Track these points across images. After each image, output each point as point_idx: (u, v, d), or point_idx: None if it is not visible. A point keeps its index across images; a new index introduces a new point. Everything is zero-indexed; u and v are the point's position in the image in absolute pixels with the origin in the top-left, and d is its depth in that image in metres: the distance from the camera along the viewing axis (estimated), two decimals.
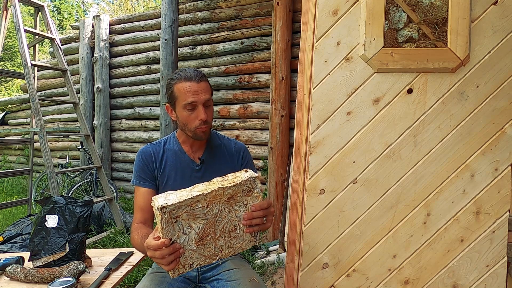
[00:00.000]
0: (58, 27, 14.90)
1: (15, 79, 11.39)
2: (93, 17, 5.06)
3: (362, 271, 1.46)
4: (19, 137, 6.06)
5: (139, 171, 1.34)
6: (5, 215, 4.38)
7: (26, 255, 1.38)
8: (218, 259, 1.01)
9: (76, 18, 16.37)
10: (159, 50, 3.96)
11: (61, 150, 5.78)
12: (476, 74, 1.39)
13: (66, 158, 5.49)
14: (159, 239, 0.91)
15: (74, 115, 5.17)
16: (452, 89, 1.40)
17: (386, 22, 1.41)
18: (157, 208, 0.88)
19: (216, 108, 4.05)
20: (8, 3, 3.24)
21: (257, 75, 3.86)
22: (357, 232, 1.46)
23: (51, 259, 1.30)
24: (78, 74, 5.16)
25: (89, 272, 1.27)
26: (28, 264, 1.34)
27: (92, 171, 4.50)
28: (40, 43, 4.44)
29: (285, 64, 3.45)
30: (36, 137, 3.48)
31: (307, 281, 1.48)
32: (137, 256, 1.46)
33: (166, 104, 1.34)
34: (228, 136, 1.53)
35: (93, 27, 5.07)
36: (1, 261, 1.32)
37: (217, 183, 0.96)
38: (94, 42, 5.00)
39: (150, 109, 4.64)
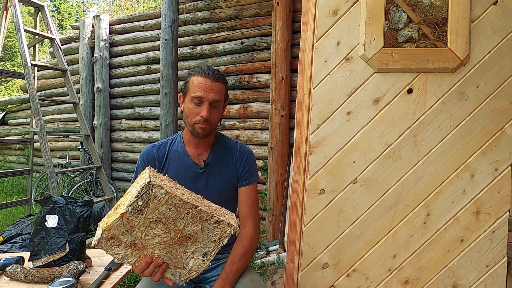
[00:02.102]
0: (58, 27, 14.89)
1: (15, 79, 11.39)
2: (93, 17, 5.06)
3: (362, 271, 1.46)
4: (19, 137, 6.06)
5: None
6: (5, 215, 4.39)
7: (26, 255, 1.38)
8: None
9: (76, 18, 16.37)
10: (159, 50, 3.96)
11: (61, 150, 5.78)
12: (476, 74, 1.39)
13: (66, 158, 5.49)
14: (146, 261, 0.99)
15: (74, 115, 5.17)
16: (452, 89, 1.40)
17: (386, 22, 1.41)
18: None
19: None
20: (8, 3, 3.24)
21: (257, 75, 3.86)
22: (357, 232, 1.46)
23: (51, 259, 1.30)
24: (78, 74, 5.16)
25: (89, 272, 1.27)
26: (28, 264, 1.34)
27: (92, 171, 4.50)
28: (40, 43, 4.44)
29: (285, 64, 3.45)
30: (36, 137, 3.48)
31: (307, 281, 1.48)
32: None
33: (180, 93, 1.35)
34: (228, 136, 1.52)
35: (93, 27, 5.07)
36: (1, 261, 1.31)
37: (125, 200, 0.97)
38: (94, 42, 5.00)
39: (150, 109, 4.64)
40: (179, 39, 4.01)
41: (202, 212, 0.97)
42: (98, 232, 0.94)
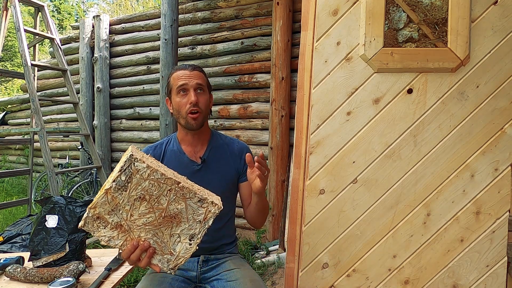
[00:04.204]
0: (58, 27, 14.89)
1: (15, 79, 11.39)
2: (93, 17, 5.06)
3: (362, 271, 1.46)
4: (19, 137, 6.07)
5: None
6: (5, 215, 4.39)
7: (26, 255, 1.38)
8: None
9: (76, 18, 16.38)
10: (159, 50, 3.96)
11: (61, 150, 5.78)
12: (476, 74, 1.39)
13: (66, 158, 5.49)
14: (132, 245, 0.97)
15: (74, 115, 5.17)
16: (452, 89, 1.40)
17: (386, 22, 1.41)
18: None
19: (216, 108, 4.05)
20: (8, 3, 3.24)
21: (257, 75, 3.86)
22: (357, 232, 1.46)
23: (51, 259, 1.30)
24: (78, 74, 5.16)
25: (89, 272, 1.27)
26: (28, 264, 1.34)
27: (92, 171, 4.50)
28: (40, 43, 4.44)
29: (285, 64, 3.45)
30: (36, 137, 3.48)
31: (307, 281, 1.48)
32: None
33: (166, 97, 1.38)
34: (229, 135, 1.52)
35: (93, 27, 5.08)
36: (1, 261, 1.31)
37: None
38: (94, 42, 5.00)
39: (150, 109, 4.64)
40: (179, 39, 4.01)
41: (184, 188, 0.96)
42: (85, 213, 0.95)
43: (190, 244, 1.00)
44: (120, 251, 1.00)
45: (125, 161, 0.92)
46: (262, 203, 1.29)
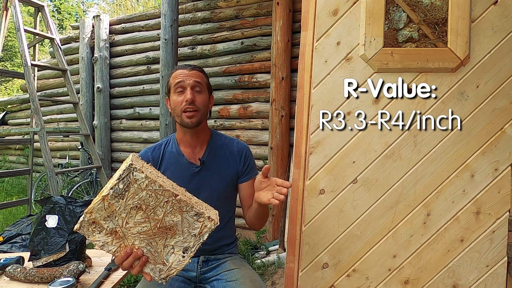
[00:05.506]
0: (58, 27, 14.89)
1: (15, 79, 11.39)
2: (93, 17, 5.06)
3: (362, 271, 1.46)
4: (19, 137, 6.07)
5: None
6: (5, 215, 4.39)
7: (26, 255, 1.38)
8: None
9: (76, 18, 16.38)
10: (159, 50, 3.97)
11: (61, 150, 5.78)
12: (476, 74, 1.39)
13: (66, 158, 5.49)
14: (125, 252, 0.97)
15: (74, 115, 5.18)
16: (452, 89, 1.40)
17: (386, 22, 1.41)
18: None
19: (216, 108, 4.06)
20: (8, 3, 3.24)
21: (257, 75, 3.86)
22: (357, 232, 1.46)
23: (51, 259, 1.30)
24: (78, 74, 5.16)
25: (89, 272, 1.27)
26: (28, 264, 1.34)
27: (92, 171, 4.50)
28: (40, 43, 4.44)
29: (285, 64, 3.45)
30: (36, 137, 3.48)
31: (307, 281, 1.48)
32: None
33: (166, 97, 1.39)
34: (229, 135, 1.52)
35: (93, 27, 5.08)
36: (1, 261, 1.32)
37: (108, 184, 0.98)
38: (94, 42, 5.01)
39: (150, 109, 4.64)
40: (179, 39, 4.01)
41: (182, 201, 0.97)
42: (81, 217, 0.96)
43: (183, 257, 1.00)
44: (114, 257, 1.00)
45: (124, 170, 0.93)
46: (264, 211, 1.30)
